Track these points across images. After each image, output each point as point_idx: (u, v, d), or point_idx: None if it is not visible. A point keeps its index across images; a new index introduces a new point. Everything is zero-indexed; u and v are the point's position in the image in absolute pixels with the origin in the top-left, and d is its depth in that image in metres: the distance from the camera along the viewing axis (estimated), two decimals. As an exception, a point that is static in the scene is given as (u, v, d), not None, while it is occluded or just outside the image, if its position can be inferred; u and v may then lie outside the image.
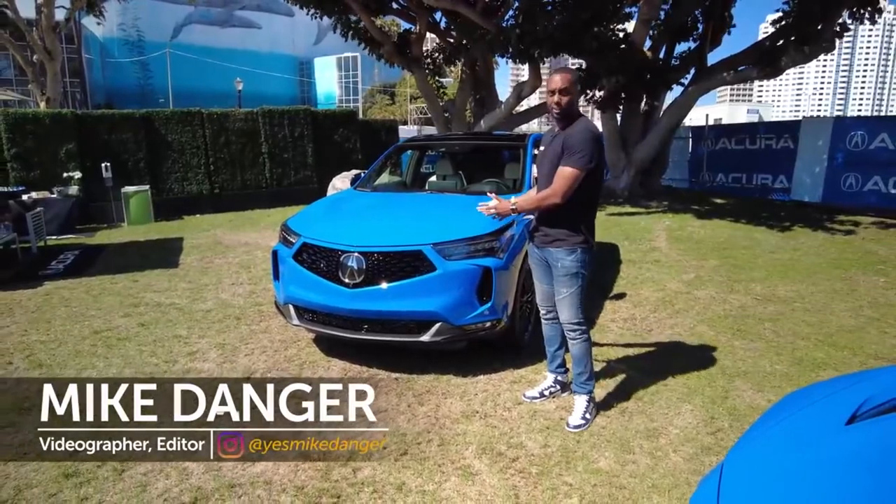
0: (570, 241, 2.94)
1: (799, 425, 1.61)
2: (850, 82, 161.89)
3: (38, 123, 10.33)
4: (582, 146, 2.78)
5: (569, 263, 2.94)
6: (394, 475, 2.60)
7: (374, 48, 13.85)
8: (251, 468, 2.67)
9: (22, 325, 4.86)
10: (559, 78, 2.86)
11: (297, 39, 64.91)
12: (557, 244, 2.96)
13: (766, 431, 1.66)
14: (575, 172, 2.78)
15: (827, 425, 1.53)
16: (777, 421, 1.68)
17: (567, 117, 2.90)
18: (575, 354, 3.07)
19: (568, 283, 2.97)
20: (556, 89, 2.86)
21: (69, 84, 35.26)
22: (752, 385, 3.52)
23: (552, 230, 2.99)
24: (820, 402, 1.71)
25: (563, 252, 2.95)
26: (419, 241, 3.48)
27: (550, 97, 2.90)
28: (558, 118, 2.92)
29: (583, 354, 3.05)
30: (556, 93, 2.87)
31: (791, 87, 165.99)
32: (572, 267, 2.94)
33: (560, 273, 2.97)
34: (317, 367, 3.84)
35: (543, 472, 2.62)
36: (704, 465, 2.66)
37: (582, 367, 3.06)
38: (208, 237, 9.21)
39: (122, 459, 2.72)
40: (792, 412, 1.68)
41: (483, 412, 3.17)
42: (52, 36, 16.56)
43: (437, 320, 3.44)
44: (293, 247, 3.79)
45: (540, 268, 3.16)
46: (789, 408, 1.77)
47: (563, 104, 2.86)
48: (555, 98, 2.87)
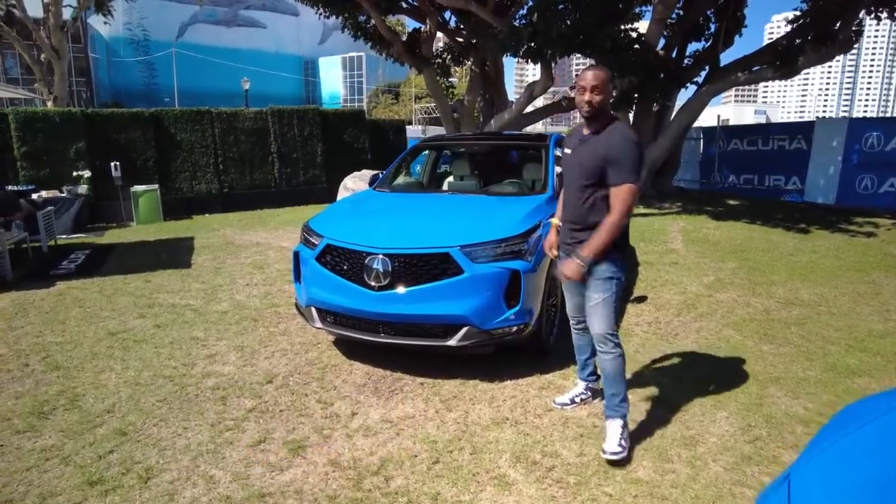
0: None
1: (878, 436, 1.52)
2: (855, 83, 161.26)
3: (48, 122, 10.28)
4: (632, 160, 2.58)
5: (603, 268, 2.73)
6: (427, 485, 2.52)
7: (383, 47, 13.78)
8: (280, 476, 2.60)
9: (36, 325, 4.81)
10: (592, 75, 2.64)
11: (302, 39, 64.99)
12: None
13: (839, 442, 1.59)
14: (633, 189, 2.59)
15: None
16: (850, 431, 1.60)
17: (598, 118, 2.69)
18: (607, 372, 2.77)
19: (601, 288, 2.73)
20: (588, 87, 2.63)
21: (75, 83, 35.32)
22: (786, 392, 3.43)
23: (586, 233, 2.77)
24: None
25: (601, 260, 2.74)
26: (447, 244, 3.40)
27: (581, 95, 2.66)
28: (589, 118, 2.71)
29: (616, 373, 2.75)
30: (588, 90, 2.63)
31: (796, 88, 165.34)
32: (606, 271, 2.73)
33: (593, 277, 2.75)
34: (339, 370, 3.76)
35: (582, 483, 2.54)
36: (746, 476, 2.58)
37: (615, 388, 2.76)
38: (219, 237, 9.15)
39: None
40: (866, 422, 1.60)
41: (514, 419, 3.09)
42: (60, 35, 16.54)
43: (465, 324, 3.37)
44: (316, 248, 3.72)
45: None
46: (859, 418, 1.69)
47: (596, 104, 2.63)
48: (586, 96, 2.64)
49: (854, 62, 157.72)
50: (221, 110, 12.25)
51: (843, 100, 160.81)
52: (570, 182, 2.84)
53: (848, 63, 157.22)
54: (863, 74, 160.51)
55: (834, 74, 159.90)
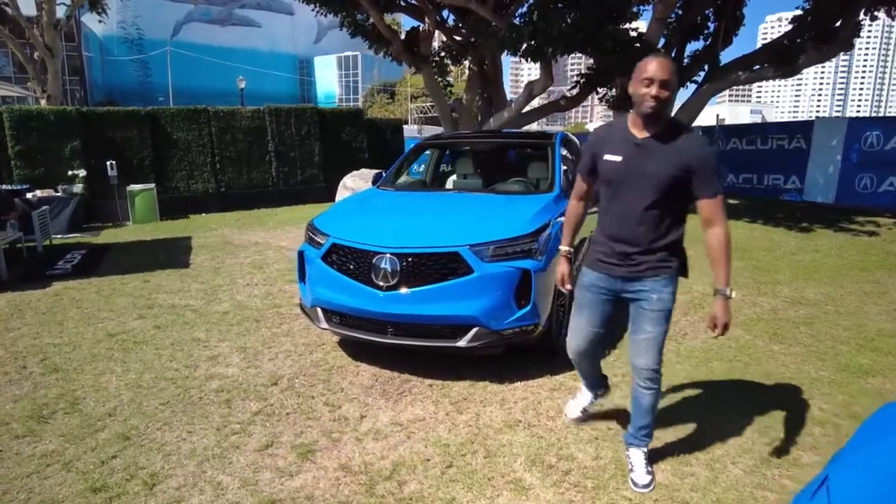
0: (670, 266, 2.37)
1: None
2: (848, 83, 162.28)
3: (43, 120, 10.16)
4: (715, 166, 2.29)
5: (666, 296, 2.37)
6: (442, 490, 2.45)
7: (381, 46, 13.68)
8: (290, 482, 2.52)
9: (33, 326, 4.71)
10: (663, 66, 2.19)
11: (297, 38, 64.73)
12: (654, 273, 2.37)
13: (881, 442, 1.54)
14: (723, 198, 2.29)
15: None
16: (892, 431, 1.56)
17: (663, 117, 2.28)
18: (645, 406, 2.50)
19: (658, 321, 2.39)
20: (658, 80, 2.18)
21: (68, 82, 35.01)
22: (800, 393, 3.38)
23: (647, 256, 2.35)
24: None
25: (661, 283, 2.37)
26: (455, 242, 3.33)
27: (646, 88, 2.20)
28: (653, 117, 2.25)
29: (653, 406, 2.51)
30: (656, 84, 2.18)
31: (790, 88, 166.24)
32: (669, 300, 2.38)
33: (652, 308, 2.38)
34: (345, 372, 3.69)
35: (600, 486, 2.48)
36: (767, 479, 2.53)
37: (648, 420, 2.52)
38: (217, 236, 9.05)
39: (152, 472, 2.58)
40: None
41: (526, 421, 3.03)
42: (53, 33, 16.35)
43: (475, 325, 3.30)
44: (321, 248, 3.64)
45: (601, 306, 2.52)
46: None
47: (664, 99, 2.20)
48: (653, 90, 2.18)
49: (847, 62, 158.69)
50: (218, 109, 12.15)
51: (836, 100, 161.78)
52: (624, 194, 2.34)
53: (841, 63, 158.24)
54: (856, 74, 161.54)
55: (827, 75, 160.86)
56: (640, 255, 2.36)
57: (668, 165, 2.25)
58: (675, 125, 2.32)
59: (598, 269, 2.48)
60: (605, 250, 2.44)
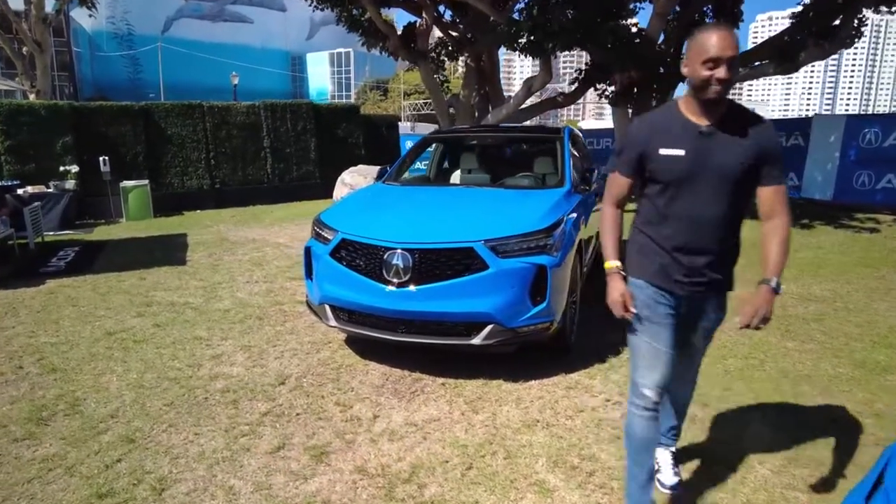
0: (731, 279, 2.12)
1: None
2: (837, 82, 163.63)
3: (34, 115, 9.96)
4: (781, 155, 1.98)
5: (723, 314, 2.15)
6: (464, 493, 2.37)
7: (378, 42, 13.54)
8: (305, 485, 2.43)
9: (28, 325, 4.57)
10: (724, 41, 1.77)
11: (289, 34, 64.32)
12: (724, 288, 2.11)
13: None
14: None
15: None
16: None
17: (725, 99, 1.90)
18: (679, 406, 2.42)
19: (709, 336, 2.21)
20: (726, 58, 1.77)
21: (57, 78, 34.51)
22: (819, 390, 3.32)
23: (719, 269, 2.05)
24: None
25: (722, 298, 2.13)
26: (470, 238, 3.24)
27: (708, 71, 1.80)
28: (717, 102, 1.87)
29: (687, 406, 2.46)
30: (724, 64, 1.78)
31: (780, 86, 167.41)
32: (724, 315, 2.17)
33: (708, 324, 2.16)
34: (355, 370, 3.59)
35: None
36: (796, 479, 2.46)
37: (680, 421, 2.46)
38: (213, 233, 8.91)
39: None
40: None
41: (544, 421, 2.95)
42: (42, 27, 16.08)
43: (490, 322, 3.22)
44: (330, 243, 3.54)
45: (670, 320, 2.06)
46: None
47: (731, 80, 1.82)
48: (719, 72, 1.79)
49: (836, 62, 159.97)
50: (213, 104, 11.97)
51: (825, 98, 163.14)
52: (692, 194, 1.95)
53: (830, 62, 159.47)
54: (845, 73, 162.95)
55: (817, 73, 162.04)
56: (711, 268, 2.02)
57: (741, 155, 1.90)
58: (735, 106, 1.95)
59: (658, 281, 2.05)
60: (666, 263, 2.03)
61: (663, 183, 1.98)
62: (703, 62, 1.80)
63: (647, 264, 2.07)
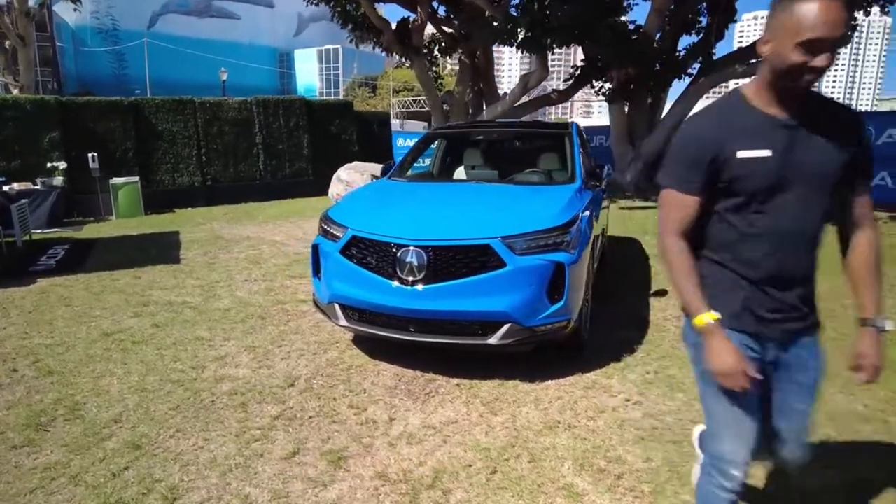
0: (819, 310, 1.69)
1: None
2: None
3: (19, 109, 9.69)
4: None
5: (823, 358, 1.70)
6: (491, 498, 2.28)
7: (372, 37, 13.41)
8: (324, 493, 2.32)
9: (20, 326, 4.41)
10: (832, 14, 1.33)
11: (277, 30, 63.70)
12: (818, 327, 1.69)
13: None
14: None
15: None
16: None
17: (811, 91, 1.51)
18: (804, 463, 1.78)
19: (815, 391, 1.70)
20: (829, 39, 1.34)
21: (40, 73, 33.82)
22: (839, 388, 3.27)
23: (814, 302, 1.67)
24: None
25: (817, 338, 1.69)
26: (486, 234, 3.15)
27: (804, 55, 1.37)
28: (805, 92, 1.49)
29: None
30: (826, 46, 1.36)
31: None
32: (824, 360, 1.70)
33: (809, 378, 1.68)
34: (365, 371, 3.49)
35: (657, 491, 2.33)
36: (828, 479, 2.41)
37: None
38: (206, 231, 8.73)
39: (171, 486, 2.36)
40: None
41: (566, 422, 2.87)
42: (25, 21, 15.73)
43: (507, 321, 3.13)
44: (340, 241, 3.43)
45: (756, 380, 1.55)
46: None
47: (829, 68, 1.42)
48: (821, 59, 1.37)
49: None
50: (204, 100, 11.76)
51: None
52: (783, 205, 1.54)
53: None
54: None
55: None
56: (805, 301, 1.62)
57: (836, 152, 1.50)
58: (816, 95, 1.55)
59: (743, 325, 1.60)
60: (751, 297, 1.59)
61: (746, 194, 1.54)
62: (798, 43, 1.36)
63: (725, 303, 1.59)
